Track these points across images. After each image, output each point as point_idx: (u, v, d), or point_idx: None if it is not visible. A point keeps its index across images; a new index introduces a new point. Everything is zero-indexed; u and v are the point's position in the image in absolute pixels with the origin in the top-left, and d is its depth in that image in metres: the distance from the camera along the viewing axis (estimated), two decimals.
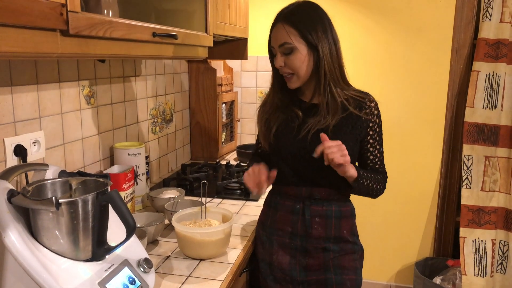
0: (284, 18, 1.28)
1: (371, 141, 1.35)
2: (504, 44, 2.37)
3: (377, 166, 1.39)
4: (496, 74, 2.40)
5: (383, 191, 1.39)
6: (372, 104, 1.34)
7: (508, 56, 2.38)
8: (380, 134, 1.37)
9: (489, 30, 2.38)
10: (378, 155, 1.38)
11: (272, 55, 1.35)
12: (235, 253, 1.35)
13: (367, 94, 1.36)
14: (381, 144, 1.38)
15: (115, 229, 1.01)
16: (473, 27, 2.51)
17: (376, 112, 1.34)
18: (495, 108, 2.43)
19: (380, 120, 1.36)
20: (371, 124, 1.34)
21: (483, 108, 2.45)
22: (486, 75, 2.42)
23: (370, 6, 2.61)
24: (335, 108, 1.29)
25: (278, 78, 1.38)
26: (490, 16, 2.37)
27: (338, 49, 1.31)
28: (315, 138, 1.28)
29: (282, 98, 1.39)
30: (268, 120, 1.39)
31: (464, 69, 2.55)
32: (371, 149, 1.36)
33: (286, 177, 1.36)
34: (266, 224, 1.42)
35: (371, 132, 1.34)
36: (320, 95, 1.31)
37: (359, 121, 1.32)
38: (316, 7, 1.31)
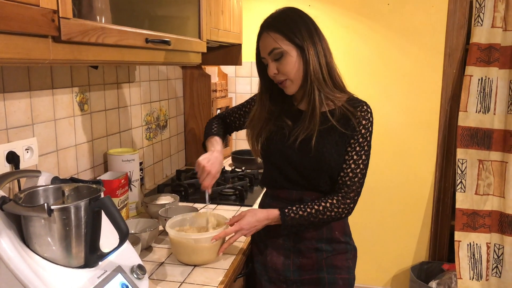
0: (267, 26, 1.28)
1: (349, 149, 1.28)
2: (496, 49, 2.39)
3: (347, 179, 1.28)
4: (489, 78, 2.42)
5: (340, 217, 1.30)
6: (363, 114, 1.27)
7: (500, 61, 2.40)
8: (362, 145, 1.27)
9: (481, 35, 2.40)
10: (352, 166, 1.28)
11: (261, 67, 1.35)
12: (229, 259, 1.35)
13: (361, 103, 1.30)
14: (360, 156, 1.28)
15: (108, 236, 1.01)
16: (465, 32, 2.53)
17: (364, 122, 1.27)
18: (488, 112, 2.45)
19: (366, 131, 1.28)
20: (354, 133, 1.27)
21: (476, 112, 2.46)
22: (479, 79, 2.44)
23: (362, 11, 2.63)
24: (315, 117, 1.27)
25: (268, 89, 1.37)
26: (482, 21, 2.39)
27: (326, 52, 1.28)
28: (302, 146, 1.29)
29: (272, 109, 1.37)
30: (258, 134, 1.38)
31: (457, 73, 2.57)
32: (346, 157, 1.28)
33: (276, 180, 1.37)
34: None
35: (351, 141, 1.28)
36: (307, 100, 1.30)
37: (346, 133, 1.28)
38: (299, 11, 1.30)
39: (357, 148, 1.28)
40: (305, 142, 1.28)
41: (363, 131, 1.28)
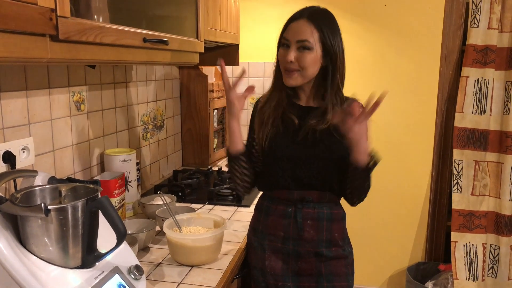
0: (309, 15, 1.28)
1: None
2: (492, 50, 2.40)
3: None
4: (485, 79, 2.43)
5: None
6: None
7: (496, 62, 2.41)
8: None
9: (477, 37, 2.41)
10: None
11: (280, 45, 1.34)
12: (227, 259, 1.34)
13: (354, 101, 1.36)
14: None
15: (106, 236, 1.00)
16: (461, 34, 2.54)
17: None
18: (484, 113, 2.46)
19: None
20: None
21: (472, 113, 2.47)
22: (475, 80, 2.45)
23: (359, 12, 2.63)
24: (329, 112, 1.31)
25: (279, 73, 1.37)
26: (478, 22, 2.40)
27: (344, 60, 1.34)
28: (318, 139, 1.30)
29: (285, 94, 1.36)
30: (265, 113, 1.37)
31: (453, 74, 2.58)
32: None
33: (279, 181, 1.36)
34: (257, 230, 1.41)
35: None
36: (319, 98, 1.34)
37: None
38: (334, 16, 1.33)
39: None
40: (318, 136, 1.30)
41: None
